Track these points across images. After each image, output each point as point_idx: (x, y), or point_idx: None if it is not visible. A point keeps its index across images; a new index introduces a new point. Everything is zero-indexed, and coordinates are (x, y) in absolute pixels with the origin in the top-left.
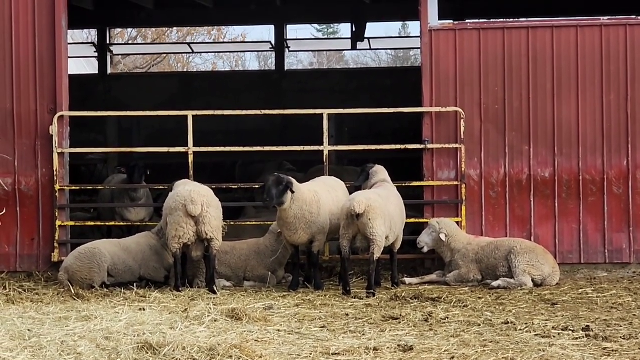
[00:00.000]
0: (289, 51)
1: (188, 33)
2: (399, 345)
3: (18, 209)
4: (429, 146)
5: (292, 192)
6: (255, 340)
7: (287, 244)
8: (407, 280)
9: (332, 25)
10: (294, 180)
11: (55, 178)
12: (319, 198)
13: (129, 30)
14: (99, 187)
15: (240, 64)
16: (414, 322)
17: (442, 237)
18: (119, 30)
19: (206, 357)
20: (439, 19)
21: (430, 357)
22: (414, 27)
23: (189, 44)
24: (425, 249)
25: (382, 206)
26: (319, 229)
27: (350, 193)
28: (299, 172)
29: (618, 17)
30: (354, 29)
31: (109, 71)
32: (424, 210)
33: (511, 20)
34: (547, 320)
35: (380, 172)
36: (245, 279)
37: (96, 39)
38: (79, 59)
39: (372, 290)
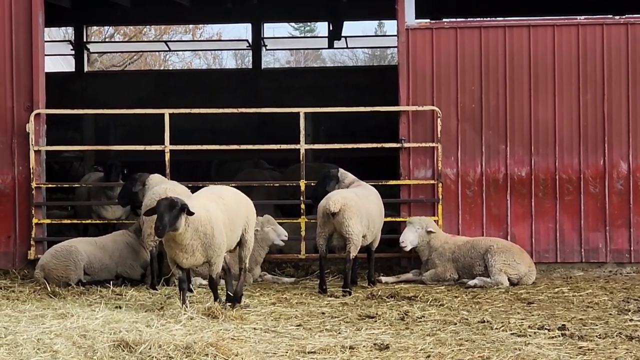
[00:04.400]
0: (266, 49)
1: (165, 31)
2: (374, 344)
3: None
4: (406, 145)
5: (190, 213)
6: (232, 339)
7: (175, 269)
8: (384, 279)
9: (309, 24)
10: (189, 201)
11: (31, 176)
12: (211, 216)
13: (106, 28)
14: (76, 185)
15: (217, 62)
16: (390, 320)
17: (429, 232)
18: (95, 28)
19: (182, 355)
20: (416, 18)
21: (406, 356)
22: (390, 25)
23: (166, 42)
24: (409, 247)
25: (359, 205)
26: (216, 250)
27: (317, 198)
28: (274, 170)
29: (595, 16)
30: (331, 28)
31: (85, 69)
32: (400, 209)
33: (488, 19)
34: (523, 319)
35: (348, 174)
36: (221, 277)
37: (73, 37)
38: (56, 56)
39: (348, 289)
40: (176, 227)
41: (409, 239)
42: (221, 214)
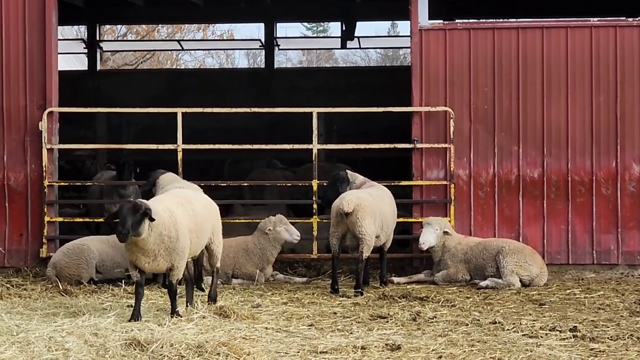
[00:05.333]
0: (279, 49)
1: (177, 30)
2: (386, 344)
3: (7, 204)
4: (418, 146)
5: (152, 220)
6: (243, 338)
7: (133, 273)
8: (395, 279)
9: (321, 24)
10: (153, 205)
11: (44, 174)
12: (176, 219)
13: (118, 26)
14: (88, 184)
15: (229, 61)
16: (401, 321)
17: (445, 233)
18: (108, 26)
19: (194, 354)
20: (429, 19)
21: (417, 357)
22: (403, 26)
23: (178, 40)
24: (425, 247)
25: (372, 205)
26: (179, 254)
27: (328, 200)
28: (287, 170)
29: (608, 18)
30: (343, 28)
31: (98, 67)
32: (413, 210)
33: (501, 20)
34: (534, 320)
35: (355, 174)
36: (233, 276)
37: (86, 36)
38: (69, 55)
39: (360, 289)
40: (139, 232)
41: (428, 240)
42: (187, 219)
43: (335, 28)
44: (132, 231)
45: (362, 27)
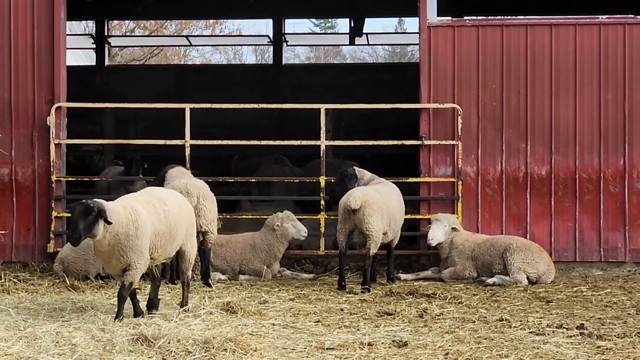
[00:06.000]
0: (287, 45)
1: (185, 26)
2: (393, 341)
3: (14, 199)
4: (426, 142)
5: (108, 223)
6: (250, 334)
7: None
8: (402, 276)
9: (329, 20)
10: (108, 205)
11: (51, 169)
12: (137, 217)
13: (127, 22)
14: (96, 179)
15: (237, 57)
16: (408, 318)
17: (453, 229)
18: (116, 22)
19: (201, 350)
20: (437, 16)
21: (424, 353)
22: (410, 23)
23: (186, 36)
24: (434, 243)
25: (380, 202)
26: (137, 254)
27: (335, 197)
28: (295, 166)
29: (617, 16)
30: (352, 24)
31: (106, 63)
32: (420, 207)
33: (510, 17)
34: (541, 317)
35: (365, 171)
36: (240, 272)
37: (94, 31)
38: (77, 50)
39: (367, 286)
40: (93, 234)
41: (437, 236)
42: (156, 219)
43: (343, 24)
44: (85, 234)
45: (370, 24)
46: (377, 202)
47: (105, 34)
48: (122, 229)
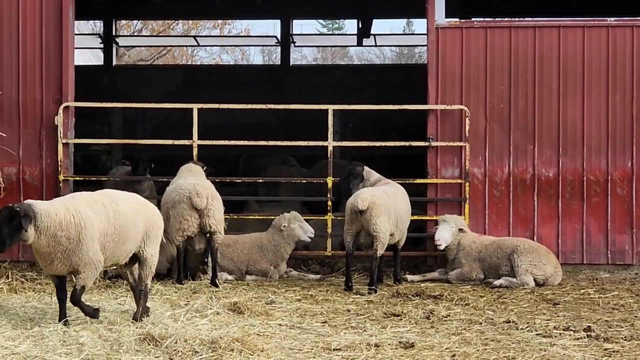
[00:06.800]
0: (295, 46)
1: (193, 26)
2: (400, 342)
3: (22, 198)
4: (434, 144)
5: (35, 227)
6: (257, 334)
7: (50, 276)
8: (409, 277)
9: (336, 21)
10: (40, 207)
11: (59, 168)
12: (81, 218)
13: (134, 22)
14: (103, 179)
15: (245, 58)
16: (415, 319)
17: (460, 231)
18: (124, 22)
19: (208, 349)
20: (446, 17)
21: (431, 355)
22: (418, 24)
23: (194, 36)
24: (443, 246)
25: (387, 203)
26: (83, 259)
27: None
28: (302, 167)
29: (625, 18)
30: (360, 25)
31: (114, 63)
32: (427, 208)
33: (518, 19)
34: (548, 320)
35: (372, 172)
36: (247, 272)
37: (102, 30)
38: (85, 50)
39: (373, 287)
40: (22, 239)
41: (444, 237)
42: (104, 219)
43: (350, 25)
44: (10, 240)
45: (378, 25)
46: (384, 203)
47: (113, 33)
48: (61, 231)
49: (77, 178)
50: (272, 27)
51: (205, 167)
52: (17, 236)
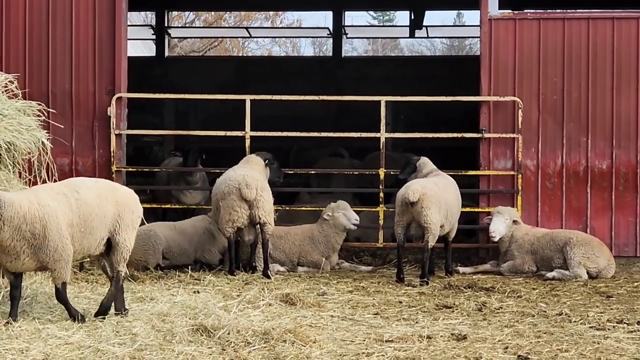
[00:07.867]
0: (347, 38)
1: (245, 18)
2: (452, 334)
3: None
4: (486, 135)
5: None
6: (309, 326)
7: (6, 273)
8: (461, 269)
9: (387, 13)
10: (2, 196)
11: (112, 159)
12: (44, 213)
13: (186, 13)
14: (156, 170)
15: (295, 50)
16: (467, 311)
17: (514, 222)
18: (176, 13)
19: (260, 340)
20: (499, 9)
21: (483, 347)
22: (469, 16)
23: (246, 28)
24: (497, 237)
25: (437, 195)
26: (51, 253)
27: (399, 186)
28: (354, 158)
29: None
30: (412, 17)
31: (166, 54)
32: (479, 200)
33: (571, 11)
34: (602, 312)
35: (428, 164)
36: (299, 264)
37: (154, 22)
38: (137, 41)
39: (425, 279)
40: None
41: (498, 229)
42: (67, 210)
43: (401, 17)
44: None
45: (428, 17)
46: (435, 195)
47: (165, 25)
48: (25, 225)
49: (130, 169)
50: (323, 19)
51: (267, 160)
52: None
